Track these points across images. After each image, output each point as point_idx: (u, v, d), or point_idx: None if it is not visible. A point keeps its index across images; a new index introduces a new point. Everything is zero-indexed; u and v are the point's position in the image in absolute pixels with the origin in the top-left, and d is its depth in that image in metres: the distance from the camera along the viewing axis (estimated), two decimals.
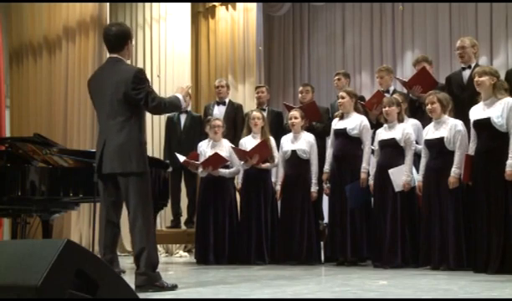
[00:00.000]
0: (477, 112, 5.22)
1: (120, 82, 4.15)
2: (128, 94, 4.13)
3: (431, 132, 5.67)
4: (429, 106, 5.63)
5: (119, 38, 4.27)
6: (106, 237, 4.26)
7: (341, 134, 6.35)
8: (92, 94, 4.37)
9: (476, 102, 5.33)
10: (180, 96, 4.36)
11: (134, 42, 9.29)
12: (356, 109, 6.44)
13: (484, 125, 5.11)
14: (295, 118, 6.60)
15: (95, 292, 2.47)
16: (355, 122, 6.33)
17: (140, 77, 4.19)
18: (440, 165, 5.54)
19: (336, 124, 6.47)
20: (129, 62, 4.44)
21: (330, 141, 6.55)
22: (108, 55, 4.39)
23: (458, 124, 5.55)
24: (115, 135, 4.15)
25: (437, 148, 5.58)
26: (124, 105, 4.15)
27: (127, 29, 4.38)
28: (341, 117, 6.45)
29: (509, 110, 5.01)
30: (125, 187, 4.16)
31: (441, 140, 5.55)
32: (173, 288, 4.18)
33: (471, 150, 5.27)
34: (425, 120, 5.92)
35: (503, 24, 8.87)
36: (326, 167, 6.47)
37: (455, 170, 5.44)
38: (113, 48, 4.30)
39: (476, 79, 5.19)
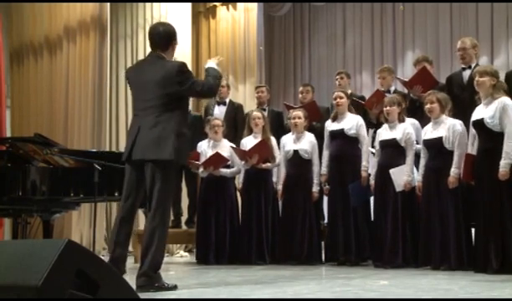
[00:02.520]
0: (476, 112, 5.22)
1: (164, 77, 4.21)
2: (173, 89, 4.20)
3: (429, 132, 5.67)
4: (428, 106, 5.64)
5: (165, 38, 4.38)
6: (119, 233, 4.25)
7: (339, 134, 6.36)
8: (132, 84, 4.44)
9: (476, 102, 5.34)
10: (213, 64, 4.47)
11: (134, 42, 9.40)
12: (349, 110, 6.47)
13: (480, 126, 5.11)
14: (299, 118, 6.59)
15: (96, 292, 2.47)
16: (351, 122, 6.34)
17: (183, 70, 4.27)
18: (439, 165, 5.55)
19: (331, 125, 6.47)
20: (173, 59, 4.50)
21: (325, 143, 6.54)
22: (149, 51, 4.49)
23: (457, 123, 5.55)
24: (151, 126, 4.19)
25: (436, 148, 5.58)
26: (166, 100, 4.21)
27: (174, 31, 4.45)
28: (335, 118, 6.46)
29: (501, 110, 5.00)
30: (151, 177, 4.17)
31: (439, 139, 5.55)
32: (173, 288, 4.19)
33: (472, 150, 5.27)
34: (425, 120, 5.92)
35: (503, 24, 8.88)
36: (323, 169, 6.47)
37: (454, 170, 5.44)
38: (158, 46, 4.38)
39: (476, 78, 5.18)
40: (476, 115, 5.18)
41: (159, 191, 4.16)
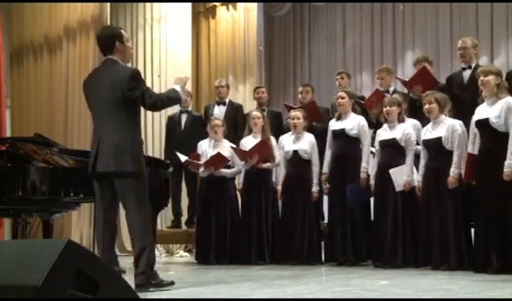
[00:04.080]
0: (479, 112, 5.21)
1: (116, 82, 4.18)
2: (124, 94, 4.16)
3: (428, 132, 5.68)
4: (427, 106, 5.65)
5: (106, 41, 4.34)
6: (104, 237, 4.27)
7: (340, 134, 6.36)
8: (87, 94, 4.41)
9: (476, 102, 5.33)
10: (178, 88, 4.36)
11: (134, 42, 9.38)
12: (354, 110, 6.46)
13: (484, 125, 5.11)
14: (298, 118, 6.59)
15: (96, 292, 2.47)
16: (353, 122, 6.34)
17: (135, 77, 4.23)
18: (439, 166, 5.55)
19: (334, 124, 6.47)
20: (128, 64, 4.45)
21: (328, 142, 6.54)
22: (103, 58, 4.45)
23: (456, 123, 5.55)
24: (110, 134, 4.18)
25: (436, 148, 5.59)
26: (120, 106, 4.18)
27: (115, 31, 4.42)
28: (339, 118, 6.46)
29: (507, 110, 5.00)
30: (121, 188, 4.18)
31: (438, 139, 5.55)
32: (171, 284, 4.20)
33: (473, 150, 5.26)
34: (425, 120, 5.92)
35: (503, 24, 8.88)
36: (325, 168, 6.47)
37: (454, 171, 5.45)
38: (104, 50, 4.37)
39: (482, 78, 5.16)
40: (480, 115, 5.17)
41: (130, 196, 4.17)
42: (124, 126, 4.18)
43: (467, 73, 6.06)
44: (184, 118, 7.73)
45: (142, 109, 4.37)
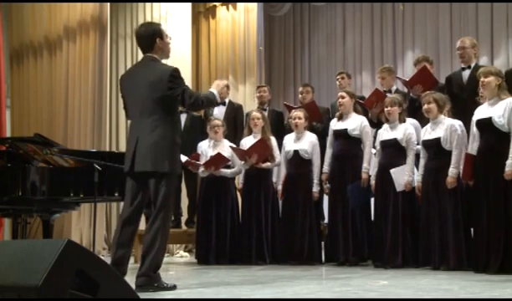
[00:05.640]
0: (480, 112, 5.21)
1: (155, 81, 4.17)
2: (165, 93, 4.15)
3: (428, 133, 5.67)
4: (425, 106, 5.65)
5: (146, 38, 4.31)
6: (122, 235, 4.24)
7: (342, 134, 6.35)
8: (124, 91, 4.39)
9: (476, 102, 5.33)
10: (215, 92, 4.39)
11: (133, 42, 9.34)
12: (356, 110, 6.45)
13: (486, 125, 5.10)
14: (299, 118, 6.58)
15: (96, 292, 2.47)
16: (355, 123, 6.33)
17: (175, 75, 4.21)
18: (438, 166, 5.55)
19: (336, 124, 6.46)
20: (164, 61, 4.41)
21: (328, 142, 6.54)
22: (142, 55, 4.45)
23: (455, 123, 5.55)
24: (148, 133, 4.16)
25: (435, 148, 5.59)
26: (158, 104, 4.17)
27: (154, 28, 4.38)
28: (340, 117, 6.45)
29: (510, 111, 5.00)
30: (154, 187, 4.17)
31: (438, 140, 5.55)
32: (173, 288, 4.19)
33: (472, 150, 5.26)
34: (425, 120, 5.92)
35: (503, 24, 8.88)
36: (325, 168, 6.47)
37: (452, 170, 5.45)
38: (143, 48, 4.36)
39: (482, 79, 5.16)
40: (481, 114, 5.17)
41: (161, 197, 4.17)
42: (162, 125, 4.17)
43: (466, 73, 6.07)
44: (183, 118, 7.71)
45: None
